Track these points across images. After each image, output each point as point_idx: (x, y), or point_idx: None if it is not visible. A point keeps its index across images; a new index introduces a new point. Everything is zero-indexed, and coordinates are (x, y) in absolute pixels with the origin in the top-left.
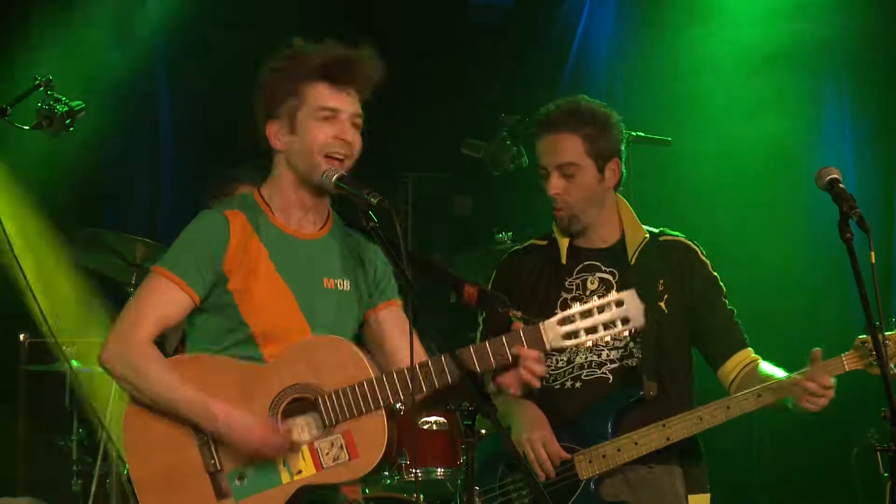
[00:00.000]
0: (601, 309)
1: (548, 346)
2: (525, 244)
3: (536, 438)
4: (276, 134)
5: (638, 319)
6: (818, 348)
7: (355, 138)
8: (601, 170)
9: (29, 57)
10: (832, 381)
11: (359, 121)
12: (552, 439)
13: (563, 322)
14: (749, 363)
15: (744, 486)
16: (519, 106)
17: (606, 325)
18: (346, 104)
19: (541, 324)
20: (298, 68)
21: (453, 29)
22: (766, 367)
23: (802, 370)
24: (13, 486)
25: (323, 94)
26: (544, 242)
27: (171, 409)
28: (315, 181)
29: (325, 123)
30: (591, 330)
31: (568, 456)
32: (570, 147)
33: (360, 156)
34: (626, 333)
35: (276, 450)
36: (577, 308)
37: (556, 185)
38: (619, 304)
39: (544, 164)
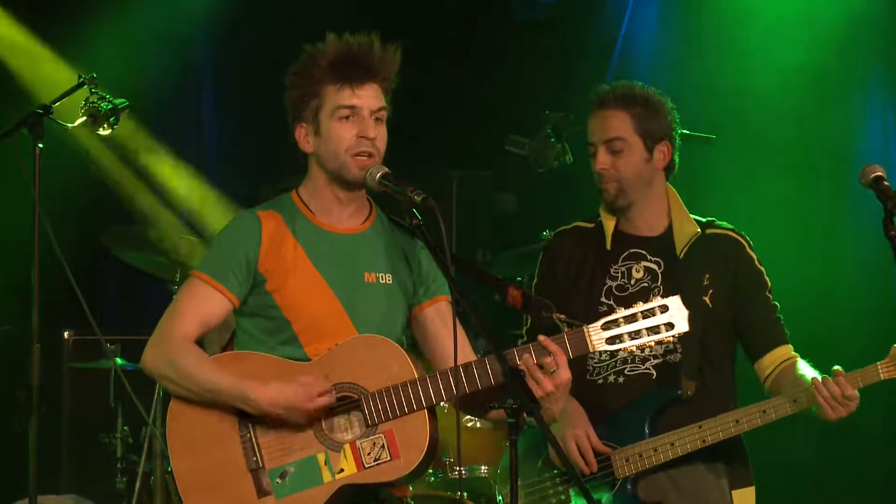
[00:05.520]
0: (646, 314)
1: (591, 350)
2: (571, 225)
3: (570, 435)
4: (304, 137)
5: (682, 325)
6: (838, 367)
7: (379, 133)
8: (650, 150)
9: (74, 55)
10: (856, 392)
11: (382, 114)
12: (592, 434)
13: (607, 326)
14: (787, 360)
15: (789, 479)
16: (563, 103)
17: (650, 331)
18: (365, 100)
19: (585, 327)
20: (315, 69)
21: (497, 26)
22: (803, 367)
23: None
24: (58, 483)
25: (340, 94)
26: (591, 225)
27: (211, 398)
28: (346, 179)
29: (347, 123)
30: (635, 335)
31: (607, 450)
32: (617, 123)
33: (403, 154)
34: (670, 339)
35: (307, 399)
36: (621, 312)
37: (602, 160)
38: (664, 309)
39: (592, 140)
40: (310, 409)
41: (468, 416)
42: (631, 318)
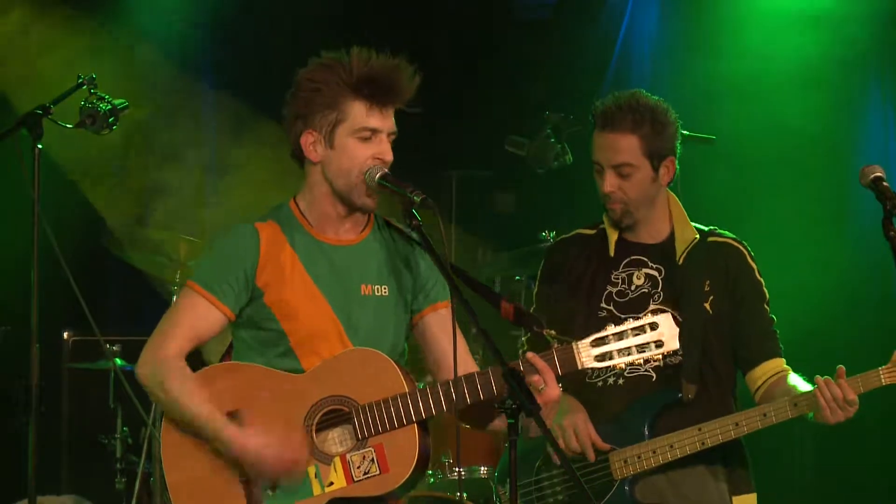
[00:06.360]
0: (636, 331)
1: (580, 367)
2: (572, 233)
3: (568, 423)
4: (312, 145)
5: (672, 343)
6: (842, 366)
7: (391, 154)
8: (656, 168)
9: (72, 55)
10: (856, 398)
11: (393, 137)
12: (590, 425)
13: (596, 343)
14: (778, 373)
15: (789, 485)
16: (563, 103)
17: (640, 348)
18: (387, 122)
19: (574, 344)
20: (338, 82)
21: (497, 26)
22: (794, 379)
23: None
24: (57, 484)
25: (364, 114)
26: (592, 232)
27: (191, 428)
28: (353, 204)
29: (366, 143)
30: (624, 352)
31: (606, 446)
32: (627, 147)
33: (403, 154)
34: (659, 357)
35: (293, 464)
36: (611, 329)
37: (611, 183)
38: (654, 326)
39: (600, 160)
40: (277, 468)
41: None
42: (620, 336)
